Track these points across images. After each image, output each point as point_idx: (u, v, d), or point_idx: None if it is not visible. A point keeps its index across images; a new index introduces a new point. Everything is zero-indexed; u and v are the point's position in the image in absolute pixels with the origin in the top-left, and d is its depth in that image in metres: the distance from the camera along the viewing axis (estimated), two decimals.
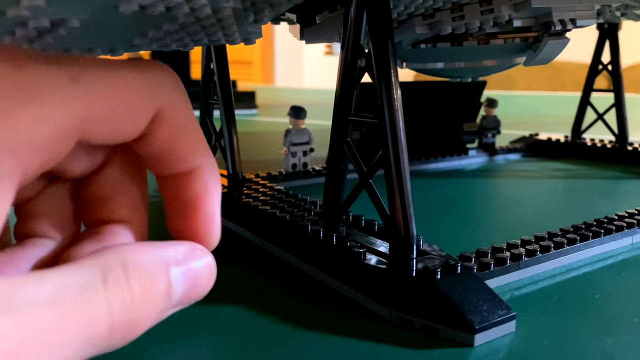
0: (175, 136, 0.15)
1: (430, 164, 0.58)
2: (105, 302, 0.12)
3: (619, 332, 0.23)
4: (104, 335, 0.12)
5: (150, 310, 0.13)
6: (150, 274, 0.13)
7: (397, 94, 0.26)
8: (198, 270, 0.15)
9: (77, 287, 0.12)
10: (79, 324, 0.11)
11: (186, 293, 0.14)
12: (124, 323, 0.13)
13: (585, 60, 0.75)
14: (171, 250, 0.14)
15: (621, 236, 0.33)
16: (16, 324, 0.11)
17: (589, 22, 0.37)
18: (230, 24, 0.27)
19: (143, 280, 0.13)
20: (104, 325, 0.12)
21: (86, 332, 0.12)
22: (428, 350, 0.22)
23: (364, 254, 0.26)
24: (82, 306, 0.12)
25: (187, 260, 0.14)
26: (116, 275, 0.13)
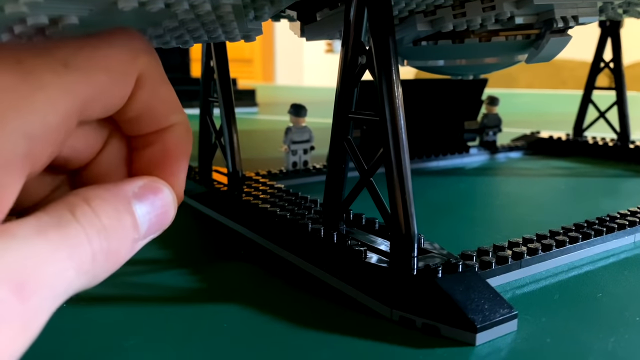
0: (152, 97, 0.16)
1: (432, 162, 0.58)
2: (81, 231, 0.13)
3: (622, 331, 0.23)
4: (88, 262, 0.13)
5: (123, 239, 0.14)
6: (113, 206, 0.14)
7: (398, 92, 0.26)
8: (158, 199, 0.16)
9: (53, 223, 0.13)
10: (65, 252, 0.12)
11: (151, 222, 0.15)
12: (104, 250, 0.14)
13: (586, 58, 0.75)
14: (128, 186, 0.15)
15: (623, 234, 0.33)
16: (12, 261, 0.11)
17: (591, 19, 0.37)
18: (230, 21, 0.27)
19: (108, 212, 0.14)
20: (86, 252, 0.13)
21: (73, 259, 0.13)
22: (429, 349, 0.22)
23: (365, 252, 0.26)
24: (63, 237, 0.13)
25: (145, 193, 0.15)
26: (82, 209, 0.13)
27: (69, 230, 0.13)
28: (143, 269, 0.30)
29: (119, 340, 0.22)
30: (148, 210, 0.15)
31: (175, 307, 0.25)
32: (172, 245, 0.33)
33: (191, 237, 0.36)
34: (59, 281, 0.12)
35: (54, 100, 0.13)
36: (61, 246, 0.13)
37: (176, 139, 0.17)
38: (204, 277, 0.29)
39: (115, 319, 0.24)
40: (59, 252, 0.12)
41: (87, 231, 0.13)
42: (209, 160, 0.44)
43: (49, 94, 0.13)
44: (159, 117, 0.16)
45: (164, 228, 0.16)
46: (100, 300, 0.26)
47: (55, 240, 0.12)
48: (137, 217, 0.15)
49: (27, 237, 0.12)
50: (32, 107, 0.13)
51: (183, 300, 0.26)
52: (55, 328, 0.23)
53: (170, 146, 0.17)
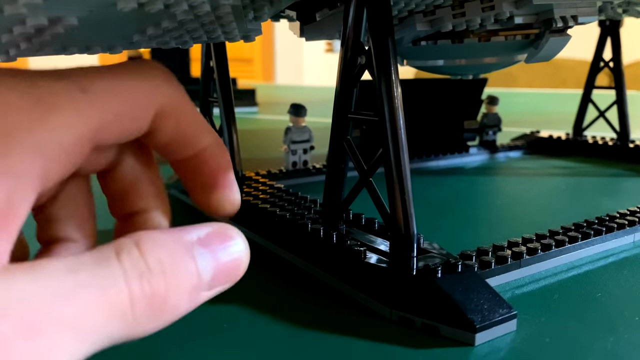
0: (179, 126, 0.16)
1: (431, 162, 0.58)
2: (119, 271, 0.12)
3: (621, 331, 0.23)
4: (125, 305, 0.12)
5: (176, 286, 0.13)
6: (169, 250, 0.13)
7: (397, 92, 0.26)
8: (226, 248, 0.15)
9: (90, 262, 0.12)
10: (95, 291, 0.12)
11: (218, 272, 0.14)
12: (146, 294, 0.12)
13: (586, 57, 0.75)
14: (192, 232, 0.14)
15: (623, 234, 0.33)
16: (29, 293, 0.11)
17: (590, 19, 0.37)
18: (229, 22, 0.27)
19: (160, 255, 0.13)
20: (122, 294, 0.12)
21: (105, 299, 0.12)
22: (429, 349, 0.22)
23: (364, 252, 0.26)
24: (96, 275, 0.12)
25: (212, 239, 0.14)
26: (129, 250, 0.13)
27: (105, 270, 0.12)
28: None
29: None
30: (214, 257, 0.14)
31: None
32: None
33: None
34: (84, 322, 0.11)
35: (68, 122, 0.13)
36: (91, 284, 0.12)
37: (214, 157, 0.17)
38: None
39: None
40: (86, 290, 0.12)
41: (126, 271, 0.12)
42: None
43: (64, 116, 0.13)
44: (189, 143, 0.17)
45: (236, 279, 0.15)
46: None
47: (84, 278, 0.12)
48: (198, 263, 0.14)
49: (54, 273, 0.11)
50: (47, 127, 0.13)
51: None
52: None
53: (212, 164, 0.17)
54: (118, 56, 0.34)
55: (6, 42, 0.24)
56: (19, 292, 0.11)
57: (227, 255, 0.15)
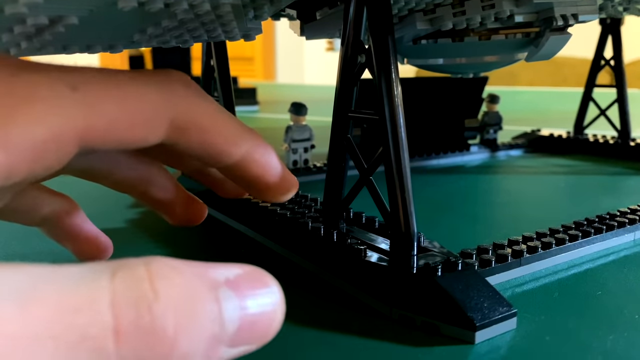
0: (205, 138, 0.15)
1: (432, 160, 0.58)
2: (107, 291, 0.09)
3: (621, 330, 0.23)
4: (106, 337, 0.09)
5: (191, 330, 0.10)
6: (187, 282, 0.10)
7: (397, 90, 0.26)
8: (258, 296, 0.11)
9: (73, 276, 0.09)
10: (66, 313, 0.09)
11: (245, 324, 0.11)
12: (143, 328, 0.09)
13: (587, 55, 0.75)
14: (219, 269, 0.11)
15: (623, 232, 0.33)
16: None
17: (591, 17, 0.37)
18: (229, 20, 0.27)
19: (175, 284, 0.10)
20: (104, 321, 0.09)
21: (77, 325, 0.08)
22: (428, 347, 0.22)
23: (365, 251, 0.26)
24: (73, 293, 0.09)
25: (242, 283, 0.11)
26: (133, 270, 0.10)
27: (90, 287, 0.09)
28: None
29: None
30: (243, 305, 0.11)
31: None
32: (172, 244, 0.33)
33: (192, 235, 0.36)
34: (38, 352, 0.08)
35: (43, 118, 0.12)
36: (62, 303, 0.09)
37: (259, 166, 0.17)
38: None
39: None
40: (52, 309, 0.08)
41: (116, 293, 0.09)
42: None
43: (37, 109, 0.12)
44: (225, 153, 0.16)
45: (265, 339, 0.12)
46: None
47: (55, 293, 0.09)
48: (222, 308, 0.10)
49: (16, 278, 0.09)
50: (16, 121, 0.12)
51: None
52: None
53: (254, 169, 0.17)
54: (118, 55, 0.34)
55: (7, 41, 0.24)
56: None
57: (258, 307, 0.11)
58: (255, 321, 0.11)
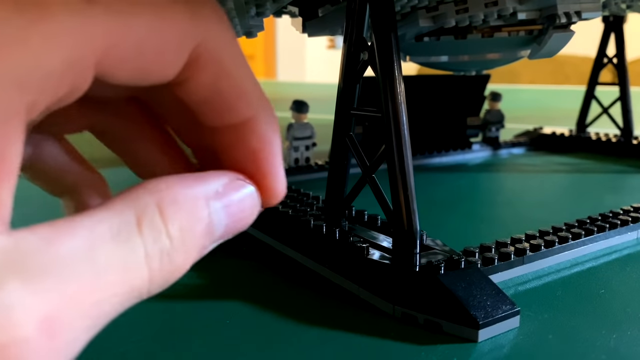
0: (220, 81, 0.13)
1: (434, 158, 0.58)
2: (142, 251, 0.11)
3: (624, 328, 0.23)
4: (143, 285, 0.11)
5: (191, 250, 0.12)
6: (189, 212, 0.12)
7: (400, 88, 0.26)
8: (240, 202, 0.13)
9: (110, 237, 0.11)
10: (115, 278, 0.10)
11: (228, 226, 0.13)
12: (164, 270, 0.12)
13: (590, 53, 0.75)
14: (212, 183, 0.13)
15: (626, 231, 0.33)
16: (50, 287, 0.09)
17: (594, 14, 0.37)
18: (231, 17, 0.27)
19: (182, 222, 0.12)
20: (142, 276, 0.11)
21: (123, 285, 0.11)
22: (431, 345, 0.22)
23: (367, 249, 0.26)
24: (117, 258, 0.11)
25: (228, 192, 0.13)
26: (152, 219, 0.11)
27: (127, 250, 0.11)
28: None
29: (121, 337, 0.22)
30: (227, 212, 0.13)
31: (177, 304, 0.25)
32: None
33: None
34: (100, 310, 0.10)
35: (57, 38, 0.10)
36: (112, 271, 0.10)
37: (260, 138, 0.14)
38: (206, 274, 0.29)
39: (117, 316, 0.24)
40: (107, 277, 0.10)
41: (148, 249, 0.11)
42: None
43: (50, 29, 0.10)
44: (230, 107, 0.13)
45: (240, 231, 0.14)
46: None
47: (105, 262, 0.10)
48: (213, 222, 0.13)
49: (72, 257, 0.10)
50: (30, 47, 0.10)
51: (185, 297, 0.26)
52: None
53: (253, 142, 0.14)
54: None
55: None
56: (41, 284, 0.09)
57: (239, 211, 0.13)
58: (234, 222, 0.13)
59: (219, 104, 0.13)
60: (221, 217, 0.13)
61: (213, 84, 0.13)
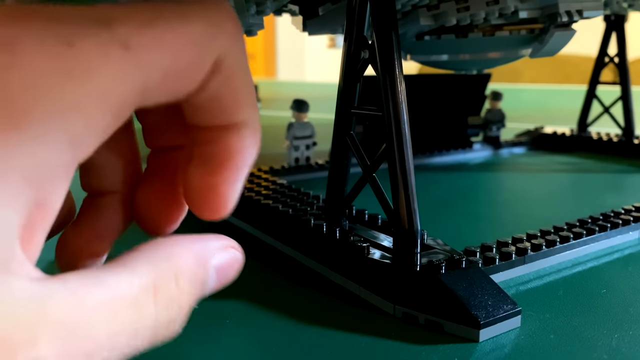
0: (225, 87, 0.13)
1: (435, 158, 0.58)
2: (152, 317, 0.12)
3: (626, 327, 0.23)
4: (144, 344, 0.12)
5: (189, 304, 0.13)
6: (195, 275, 0.13)
7: (401, 87, 0.26)
8: (230, 262, 0.15)
9: (129, 301, 0.12)
10: (124, 340, 0.11)
11: (217, 284, 0.15)
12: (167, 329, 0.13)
13: (591, 52, 0.75)
14: (213, 244, 0.14)
15: (628, 230, 0.33)
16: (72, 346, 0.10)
17: (595, 13, 0.37)
18: None
19: (190, 287, 0.13)
20: (145, 337, 0.12)
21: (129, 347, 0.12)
22: (432, 345, 0.22)
23: (368, 248, 0.26)
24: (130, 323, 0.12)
25: (221, 254, 0.15)
26: (168, 288, 0.13)
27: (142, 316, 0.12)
28: None
29: None
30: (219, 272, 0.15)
31: None
32: None
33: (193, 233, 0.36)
34: None
35: (103, 93, 0.11)
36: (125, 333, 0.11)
37: (241, 141, 0.14)
38: None
39: None
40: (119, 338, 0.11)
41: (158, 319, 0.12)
42: None
43: (97, 86, 0.11)
44: (226, 111, 0.14)
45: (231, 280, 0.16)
46: None
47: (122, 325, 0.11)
48: (209, 279, 0.14)
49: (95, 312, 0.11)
50: (75, 106, 0.10)
51: None
52: None
53: (233, 149, 0.14)
54: None
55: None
56: None
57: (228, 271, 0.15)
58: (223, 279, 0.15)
59: (217, 107, 0.13)
60: (214, 279, 0.14)
61: (219, 88, 0.13)
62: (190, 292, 0.13)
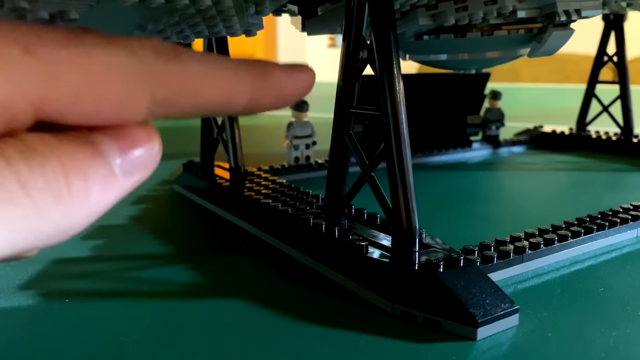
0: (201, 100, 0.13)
1: (434, 157, 0.58)
2: None
3: (624, 326, 0.23)
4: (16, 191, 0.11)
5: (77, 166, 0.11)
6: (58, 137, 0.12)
7: (399, 86, 0.26)
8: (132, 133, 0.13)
9: None
10: None
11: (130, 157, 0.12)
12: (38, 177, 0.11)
13: (590, 51, 0.75)
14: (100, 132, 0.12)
15: (626, 229, 0.33)
16: None
17: (594, 12, 0.37)
18: (231, 16, 0.27)
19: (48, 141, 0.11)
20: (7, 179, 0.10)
21: None
22: (430, 343, 0.22)
23: (366, 247, 0.26)
24: None
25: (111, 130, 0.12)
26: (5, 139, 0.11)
27: None
28: (145, 263, 0.30)
29: (121, 335, 0.22)
30: (119, 145, 0.12)
31: (177, 302, 0.25)
32: (174, 241, 0.33)
33: (193, 232, 0.36)
34: None
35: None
36: None
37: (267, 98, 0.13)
38: (206, 272, 0.29)
39: (117, 314, 0.24)
40: None
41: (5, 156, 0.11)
42: (211, 156, 0.44)
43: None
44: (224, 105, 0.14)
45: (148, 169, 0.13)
46: (103, 295, 0.26)
47: None
48: (100, 147, 0.12)
49: None
50: None
51: (185, 295, 0.26)
52: (59, 323, 0.23)
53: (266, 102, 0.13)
54: None
55: None
56: None
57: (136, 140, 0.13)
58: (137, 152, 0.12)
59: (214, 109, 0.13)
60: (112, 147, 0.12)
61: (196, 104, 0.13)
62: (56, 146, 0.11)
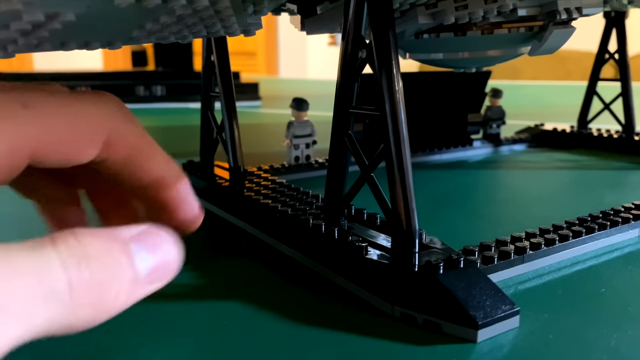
0: (132, 153, 0.17)
1: (434, 155, 0.58)
2: (55, 257, 0.12)
3: (625, 327, 0.23)
4: (64, 291, 0.12)
5: (114, 274, 0.13)
6: (105, 244, 0.14)
7: (398, 86, 0.26)
8: (160, 247, 0.15)
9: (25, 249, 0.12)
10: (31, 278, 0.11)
11: (152, 269, 0.15)
12: (84, 280, 0.12)
13: (591, 49, 0.75)
14: (126, 230, 0.15)
15: (628, 228, 0.33)
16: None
17: (595, 10, 0.37)
18: (229, 16, 0.27)
19: (96, 245, 0.13)
20: (60, 280, 0.12)
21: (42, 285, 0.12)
22: (430, 346, 0.21)
23: (366, 248, 0.26)
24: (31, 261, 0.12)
25: (145, 237, 0.15)
26: (65, 238, 0.13)
27: (42, 256, 0.12)
28: None
29: (119, 338, 0.22)
30: (148, 255, 0.15)
31: (176, 304, 0.25)
32: None
33: (194, 233, 0.36)
34: (17, 306, 0.11)
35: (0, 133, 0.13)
36: (27, 271, 0.12)
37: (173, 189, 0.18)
38: (205, 273, 0.29)
39: (115, 317, 0.24)
40: (22, 277, 0.11)
41: (63, 257, 0.12)
42: (210, 156, 0.44)
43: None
44: (142, 170, 0.17)
45: (167, 279, 0.16)
46: None
47: (20, 265, 0.12)
48: (134, 258, 0.14)
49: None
50: None
51: (183, 297, 0.26)
52: None
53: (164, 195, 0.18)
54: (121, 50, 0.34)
55: (3, 38, 0.23)
56: None
57: (160, 255, 0.15)
58: (158, 267, 0.15)
59: (134, 170, 0.17)
60: (143, 257, 0.14)
61: (126, 157, 0.17)
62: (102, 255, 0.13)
